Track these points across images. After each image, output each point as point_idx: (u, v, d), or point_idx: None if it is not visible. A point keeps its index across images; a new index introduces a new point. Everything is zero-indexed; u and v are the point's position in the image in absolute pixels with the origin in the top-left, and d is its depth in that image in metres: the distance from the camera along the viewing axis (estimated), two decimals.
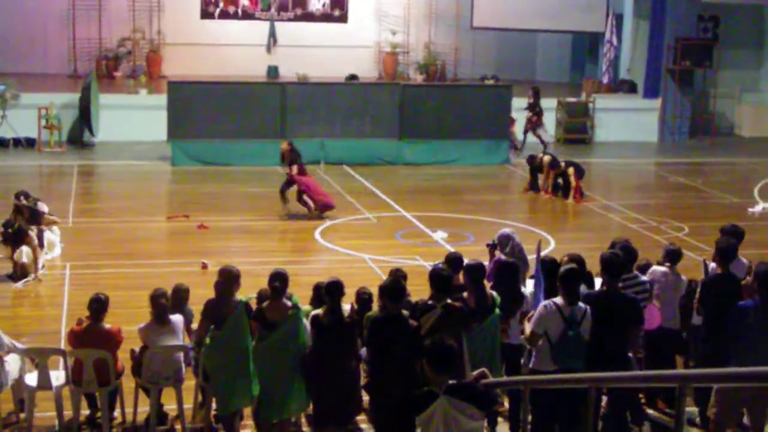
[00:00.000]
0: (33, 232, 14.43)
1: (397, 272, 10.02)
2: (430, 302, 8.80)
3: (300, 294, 9.48)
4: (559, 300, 8.50)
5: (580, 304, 8.56)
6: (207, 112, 23.39)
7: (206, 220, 17.89)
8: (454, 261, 9.98)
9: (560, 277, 8.61)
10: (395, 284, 8.63)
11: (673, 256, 10.43)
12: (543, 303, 8.55)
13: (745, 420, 9.11)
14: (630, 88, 30.22)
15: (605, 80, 30.23)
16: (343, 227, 17.94)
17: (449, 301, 8.80)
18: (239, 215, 18.74)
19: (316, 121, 23.93)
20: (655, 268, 10.39)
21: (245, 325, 9.01)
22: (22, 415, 9.56)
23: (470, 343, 8.92)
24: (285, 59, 31.08)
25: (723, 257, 9.65)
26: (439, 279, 8.87)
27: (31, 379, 9.54)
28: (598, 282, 9.47)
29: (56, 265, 15.00)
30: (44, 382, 9.45)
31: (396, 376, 8.31)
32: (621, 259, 9.16)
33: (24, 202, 15.03)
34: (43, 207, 15.44)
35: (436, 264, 9.79)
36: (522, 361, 9.31)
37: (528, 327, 8.64)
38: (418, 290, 10.31)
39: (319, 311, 9.00)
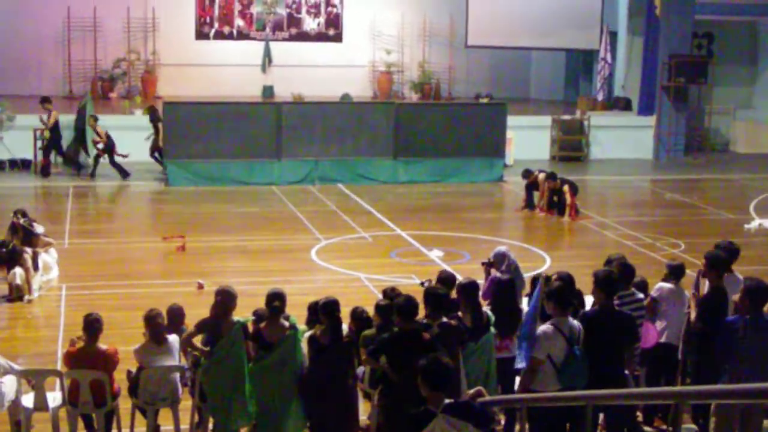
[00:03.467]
0: (28, 254, 14.42)
1: (392, 291, 10.01)
2: (425, 321, 8.79)
3: (295, 314, 9.46)
4: (555, 321, 8.47)
5: (574, 321, 8.56)
6: (202, 133, 23.43)
7: (201, 240, 17.92)
8: (446, 280, 9.98)
9: (551, 293, 8.56)
10: (409, 302, 8.56)
11: (676, 272, 10.43)
12: (541, 328, 8.49)
13: None
14: (625, 105, 30.30)
15: (600, 97, 30.32)
16: (338, 246, 17.94)
17: (445, 319, 8.79)
18: (235, 235, 18.74)
19: (311, 140, 23.98)
20: (662, 284, 10.35)
21: (241, 346, 8.99)
22: None
23: (466, 361, 8.91)
24: (280, 79, 31.18)
25: (713, 268, 9.67)
26: (435, 298, 8.86)
27: (28, 400, 9.51)
28: (588, 299, 9.47)
29: (52, 287, 14.98)
30: (41, 404, 9.42)
31: (414, 391, 8.23)
32: (616, 277, 9.15)
33: (21, 220, 15.02)
34: (39, 229, 15.42)
35: (425, 281, 9.80)
36: (517, 379, 9.27)
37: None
38: None
39: (315, 331, 8.98)
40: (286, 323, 8.97)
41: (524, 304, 10.44)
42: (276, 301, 8.91)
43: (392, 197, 22.86)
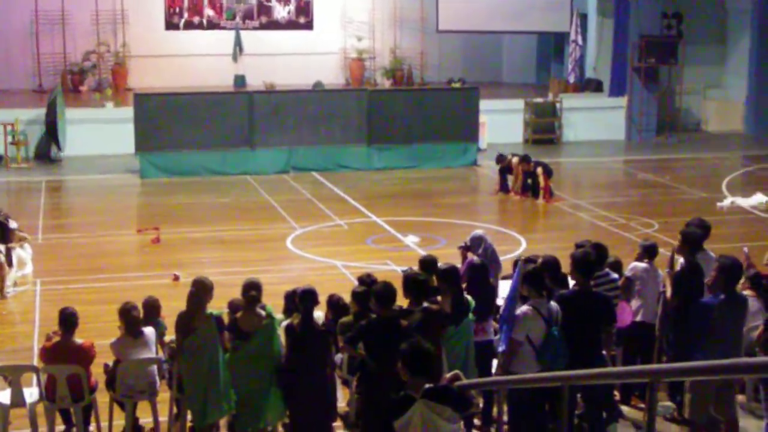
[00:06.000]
0: (1, 251, 14.31)
1: (368, 278, 10.01)
2: (407, 307, 8.77)
3: (272, 303, 9.45)
4: (533, 302, 8.50)
5: (552, 302, 8.60)
6: (174, 124, 23.33)
7: (176, 232, 17.87)
8: (428, 264, 9.97)
9: (528, 277, 8.60)
10: (387, 289, 8.56)
11: (650, 251, 10.51)
12: (521, 309, 8.52)
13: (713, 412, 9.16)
14: (596, 86, 30.39)
15: (571, 80, 30.38)
16: (314, 234, 17.93)
17: (426, 304, 8.79)
18: (209, 226, 18.69)
19: (284, 129, 23.92)
20: (636, 264, 10.43)
21: (215, 339, 8.94)
22: None
23: (444, 345, 8.92)
24: (251, 68, 31.03)
25: (687, 244, 9.73)
26: (415, 284, 8.86)
27: (5, 396, 9.47)
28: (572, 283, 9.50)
29: (27, 282, 14.90)
30: (18, 400, 9.38)
31: (392, 378, 8.22)
32: (593, 258, 9.20)
33: None
34: (13, 224, 15.31)
35: (406, 269, 9.79)
36: (495, 362, 9.30)
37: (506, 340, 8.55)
38: None
39: (293, 320, 8.98)
40: (263, 312, 8.96)
41: (503, 287, 10.48)
42: (252, 290, 8.91)
43: (367, 184, 22.86)
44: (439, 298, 9.30)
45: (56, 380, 9.30)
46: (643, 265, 10.39)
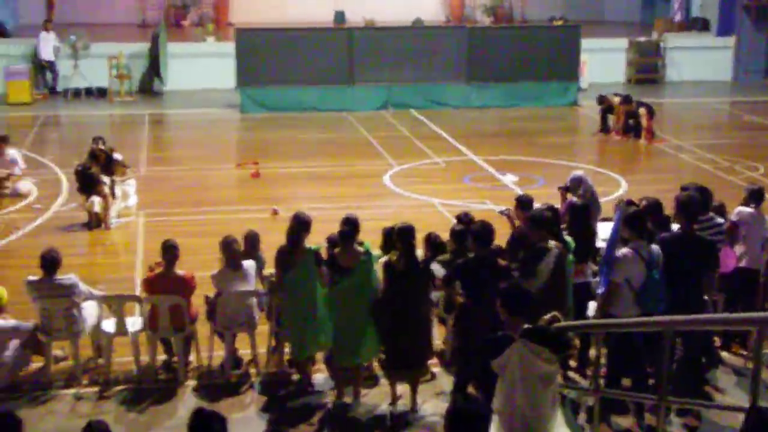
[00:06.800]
0: (106, 182, 14.55)
1: (465, 216, 9.97)
2: (540, 245, 8.69)
3: (369, 239, 9.46)
4: (634, 245, 8.36)
5: (654, 245, 8.45)
6: (275, 59, 23.43)
7: (275, 167, 18.01)
8: (525, 203, 9.88)
9: (629, 219, 8.46)
10: (485, 228, 8.53)
11: (756, 196, 10.25)
12: (621, 251, 8.38)
13: None
14: (703, 25, 29.58)
15: (677, 18, 29.64)
16: (411, 172, 17.90)
17: (553, 242, 8.71)
18: (309, 161, 18.78)
19: (384, 65, 23.85)
20: (742, 209, 10.18)
21: (314, 272, 9.01)
22: (101, 361, 9.73)
23: None
24: (351, 4, 30.95)
25: None
26: (545, 221, 8.78)
27: (109, 325, 9.70)
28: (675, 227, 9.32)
29: (131, 213, 15.17)
30: (121, 329, 9.61)
31: (488, 317, 8.21)
32: (698, 201, 9.00)
33: (102, 147, 15.15)
34: (118, 156, 15.55)
35: (505, 209, 9.71)
36: (592, 305, 9.19)
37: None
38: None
39: (391, 256, 8.97)
40: (360, 249, 8.97)
41: (602, 229, 10.35)
42: (348, 226, 8.92)
43: (465, 122, 22.71)
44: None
45: (158, 310, 9.48)
46: (748, 209, 10.14)
